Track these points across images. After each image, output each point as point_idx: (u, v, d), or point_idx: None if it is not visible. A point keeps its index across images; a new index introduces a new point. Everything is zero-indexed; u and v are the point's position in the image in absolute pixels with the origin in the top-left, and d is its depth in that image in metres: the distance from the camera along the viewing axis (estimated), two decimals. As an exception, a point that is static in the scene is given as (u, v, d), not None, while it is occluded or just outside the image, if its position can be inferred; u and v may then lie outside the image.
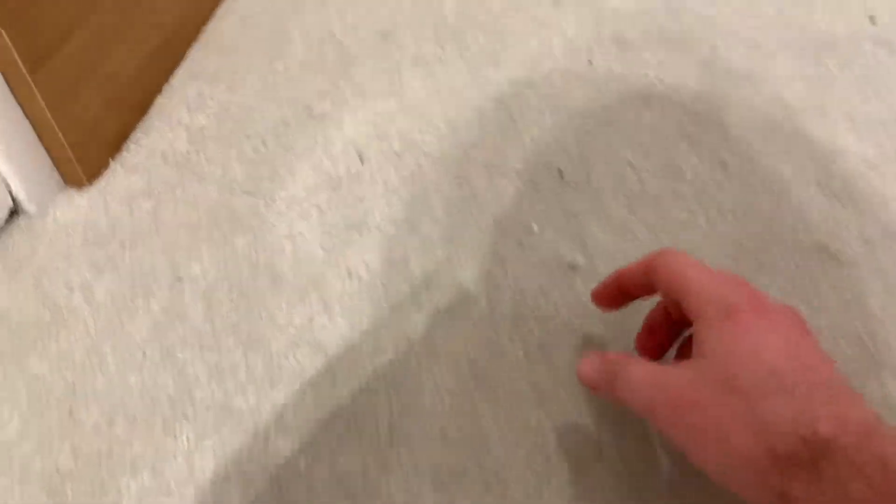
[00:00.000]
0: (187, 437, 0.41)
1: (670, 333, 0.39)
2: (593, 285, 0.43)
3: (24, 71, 0.45)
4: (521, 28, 0.64)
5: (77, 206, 0.52)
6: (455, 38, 0.63)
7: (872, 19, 0.64)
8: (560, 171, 0.54)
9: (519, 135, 0.56)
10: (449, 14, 0.64)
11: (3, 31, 0.43)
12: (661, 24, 0.64)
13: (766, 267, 0.49)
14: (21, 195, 0.51)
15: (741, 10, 0.65)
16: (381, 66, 0.60)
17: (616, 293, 0.41)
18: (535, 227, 0.51)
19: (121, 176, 0.53)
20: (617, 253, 0.50)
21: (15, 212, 0.52)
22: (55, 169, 0.52)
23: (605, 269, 0.48)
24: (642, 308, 0.40)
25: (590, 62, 0.61)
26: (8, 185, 0.50)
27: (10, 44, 0.44)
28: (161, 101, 0.58)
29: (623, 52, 0.61)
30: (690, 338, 0.37)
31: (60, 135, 0.50)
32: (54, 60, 0.47)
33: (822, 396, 0.29)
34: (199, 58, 0.61)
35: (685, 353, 0.38)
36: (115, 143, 0.55)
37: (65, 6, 0.48)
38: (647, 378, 0.33)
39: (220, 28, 0.63)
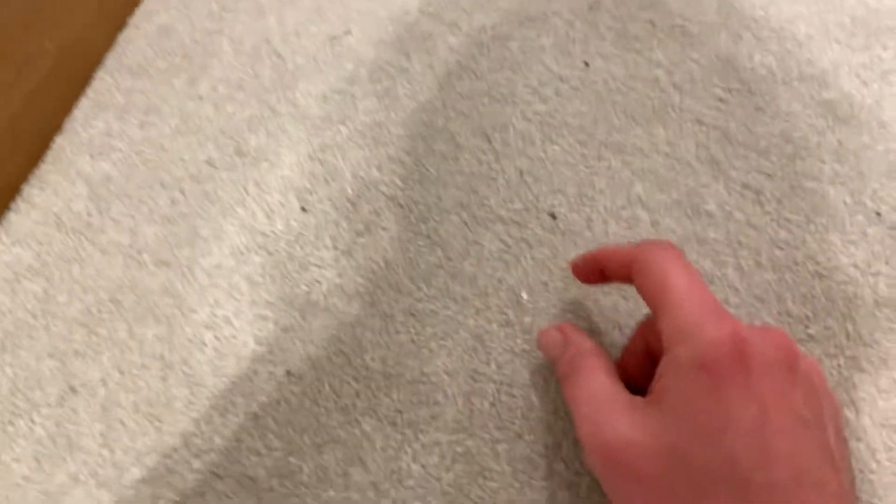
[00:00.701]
0: None
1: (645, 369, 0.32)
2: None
3: None
4: (503, 25, 0.52)
5: (-51, 290, 0.41)
6: (422, 42, 0.51)
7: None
8: (552, 215, 0.43)
9: (503, 169, 0.44)
10: (413, 10, 0.52)
11: None
12: (672, 9, 0.52)
13: (816, 337, 0.38)
14: None
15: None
16: (330, 81, 0.49)
17: (595, 272, 0.35)
18: (525, 296, 0.40)
19: (5, 248, 0.43)
20: (631, 327, 0.39)
21: None
22: (-79, 244, 0.42)
23: (618, 352, 0.38)
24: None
25: (586, 64, 0.49)
26: None
27: None
28: (60, 142, 0.47)
29: (626, 51, 0.49)
30: None
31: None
32: None
33: (772, 500, 0.23)
34: (106, 82, 0.49)
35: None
36: (1, 203, 0.44)
37: None
38: (593, 404, 0.28)
39: (132, 42, 0.52)
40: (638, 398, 0.28)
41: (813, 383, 0.27)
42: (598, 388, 0.29)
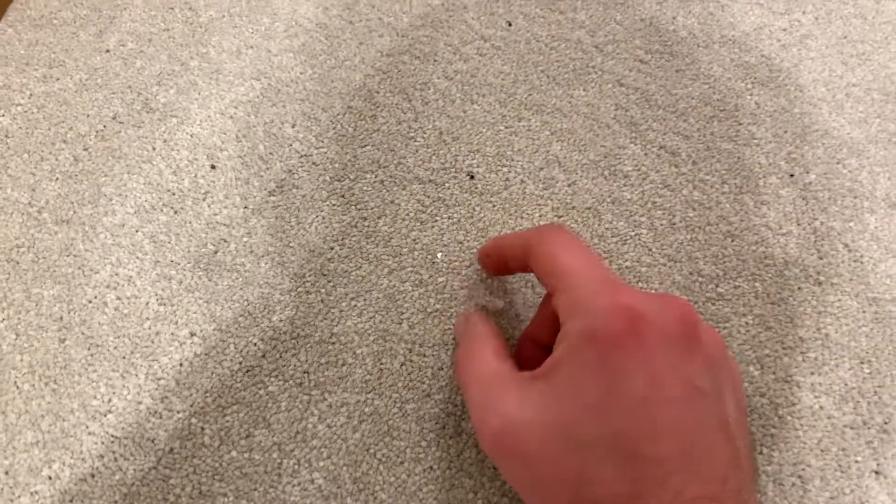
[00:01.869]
0: None
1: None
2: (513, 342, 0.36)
3: None
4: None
5: None
6: (340, -3, 0.49)
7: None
8: (470, 175, 0.42)
9: (421, 128, 0.44)
10: (332, -35, 0.51)
11: None
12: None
13: (726, 296, 0.39)
14: None
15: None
16: (244, 36, 0.47)
17: (499, 263, 0.35)
18: (440, 256, 0.39)
19: None
20: (542, 288, 0.39)
21: None
22: None
23: (527, 313, 0.38)
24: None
25: (508, 24, 0.48)
26: None
27: None
28: (-44, 96, 0.44)
29: (549, 11, 0.49)
30: None
31: None
32: None
33: (660, 473, 0.23)
34: (7, 34, 0.47)
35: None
36: None
37: None
38: (479, 388, 0.27)
39: (36, -8, 0.49)
40: (525, 374, 0.27)
41: (713, 355, 0.27)
42: (484, 370, 0.28)
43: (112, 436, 0.34)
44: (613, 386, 0.24)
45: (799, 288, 0.39)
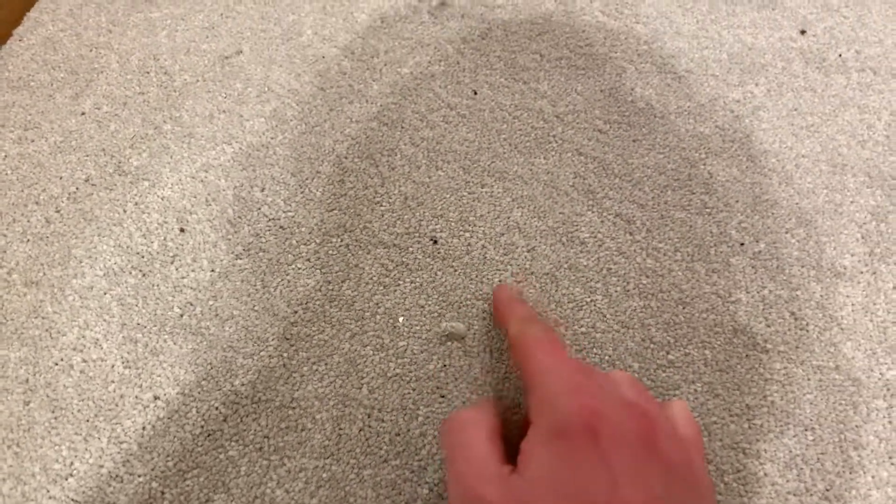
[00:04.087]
0: None
1: None
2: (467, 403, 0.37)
3: None
4: (396, 50, 0.52)
5: None
6: (314, 64, 0.51)
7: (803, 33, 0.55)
8: (434, 240, 0.44)
9: (387, 193, 0.45)
10: (306, 32, 0.53)
11: None
12: (560, 41, 0.53)
13: (676, 363, 0.40)
14: None
15: (653, 25, 0.55)
16: (218, 100, 0.49)
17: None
18: (402, 320, 0.41)
19: None
20: (499, 349, 0.40)
21: None
22: None
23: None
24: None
25: (474, 92, 0.50)
26: None
27: None
28: (-69, 156, 0.45)
29: (513, 81, 0.51)
30: None
31: None
32: None
33: None
34: (-15, 94, 0.48)
35: None
36: None
37: None
38: (466, 466, 0.29)
39: (15, 54, 0.51)
40: (507, 467, 0.28)
41: (675, 465, 0.28)
42: (476, 452, 0.30)
43: (72, 500, 0.35)
44: (578, 481, 0.26)
45: (746, 355, 0.41)
